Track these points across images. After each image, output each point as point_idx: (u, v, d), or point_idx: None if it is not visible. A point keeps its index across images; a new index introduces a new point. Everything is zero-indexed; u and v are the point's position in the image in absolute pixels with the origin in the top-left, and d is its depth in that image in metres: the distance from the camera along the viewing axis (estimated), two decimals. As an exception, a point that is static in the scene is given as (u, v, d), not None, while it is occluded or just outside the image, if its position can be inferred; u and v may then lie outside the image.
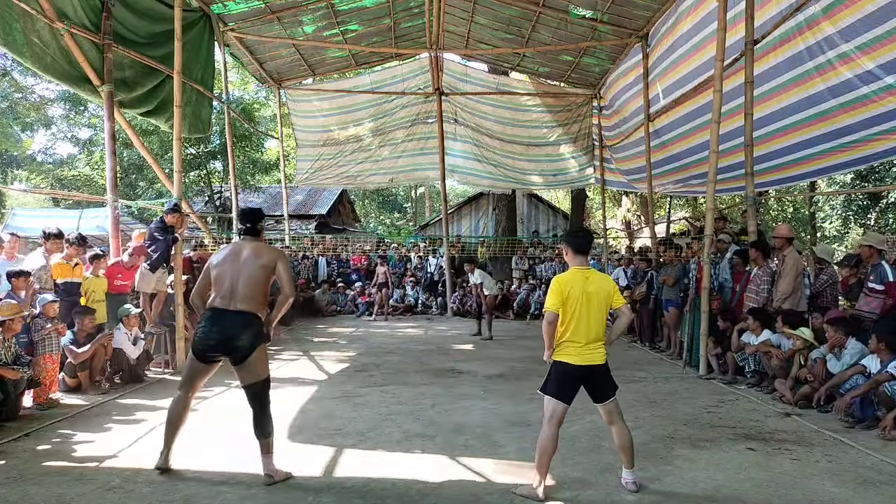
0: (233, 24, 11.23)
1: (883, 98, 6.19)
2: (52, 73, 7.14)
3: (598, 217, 19.44)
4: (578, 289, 3.46)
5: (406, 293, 14.53)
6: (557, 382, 3.48)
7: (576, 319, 3.45)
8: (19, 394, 5.00)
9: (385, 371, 7.25)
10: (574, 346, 3.45)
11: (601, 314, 3.52)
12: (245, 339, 3.61)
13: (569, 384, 3.48)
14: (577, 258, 3.58)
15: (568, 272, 3.58)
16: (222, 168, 19.51)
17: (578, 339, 3.44)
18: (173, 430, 3.77)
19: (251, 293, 3.67)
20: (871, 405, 4.88)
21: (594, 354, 3.48)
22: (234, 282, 3.67)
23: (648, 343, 9.36)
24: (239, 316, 3.63)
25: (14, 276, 5.49)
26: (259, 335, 3.68)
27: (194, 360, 3.76)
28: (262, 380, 3.71)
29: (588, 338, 3.45)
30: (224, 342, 3.62)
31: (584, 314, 3.45)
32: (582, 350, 3.45)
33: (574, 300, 3.45)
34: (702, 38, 8.74)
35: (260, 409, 3.71)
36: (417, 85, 14.40)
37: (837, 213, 19.54)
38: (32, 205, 27.88)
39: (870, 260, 5.93)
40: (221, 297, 3.67)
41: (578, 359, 3.45)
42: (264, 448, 3.71)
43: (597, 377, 3.52)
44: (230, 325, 3.61)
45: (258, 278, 3.70)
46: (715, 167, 7.12)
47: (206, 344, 3.65)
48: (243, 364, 3.65)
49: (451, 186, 27.46)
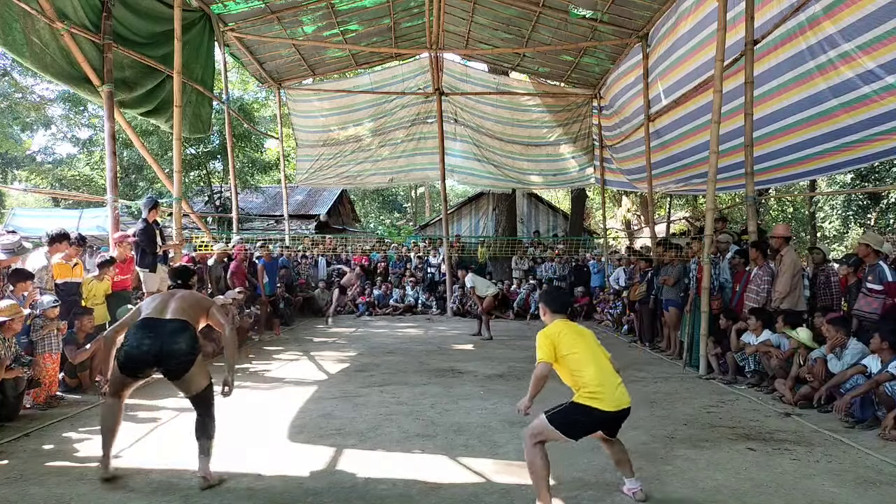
0: (233, 24, 11.24)
1: (884, 98, 6.19)
2: (51, 73, 7.14)
3: (598, 217, 19.45)
4: (570, 331, 3.29)
5: (406, 293, 14.54)
6: (579, 427, 3.18)
7: (586, 360, 3.20)
8: (19, 394, 5.00)
9: (385, 371, 7.25)
10: (598, 389, 3.13)
11: (601, 350, 3.35)
12: (182, 342, 3.44)
13: (592, 429, 3.21)
14: (556, 316, 3.43)
15: (551, 326, 3.38)
16: (222, 168, 19.51)
17: (601, 381, 3.15)
18: (111, 436, 3.61)
19: (187, 313, 3.59)
20: (872, 405, 4.88)
21: (622, 394, 3.20)
22: (165, 305, 3.62)
23: (648, 343, 9.36)
24: (173, 322, 3.50)
25: (15, 276, 5.48)
26: (196, 343, 3.55)
27: (120, 375, 3.54)
28: (206, 387, 3.63)
29: (606, 374, 3.20)
30: (160, 349, 3.40)
31: (587, 350, 3.25)
32: (609, 392, 3.14)
33: (571, 342, 3.24)
34: (702, 38, 8.75)
35: (206, 413, 3.63)
36: (417, 85, 14.41)
37: (837, 213, 19.56)
38: (32, 205, 27.89)
39: (867, 259, 5.93)
40: (151, 313, 3.55)
41: (611, 404, 3.13)
42: (204, 450, 3.60)
43: (623, 419, 3.24)
44: (165, 331, 3.45)
45: (192, 306, 3.68)
46: (715, 167, 7.12)
47: (140, 350, 3.40)
48: (184, 377, 3.49)
49: (451, 186, 27.47)
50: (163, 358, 3.43)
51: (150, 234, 7.09)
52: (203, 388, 3.61)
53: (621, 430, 3.34)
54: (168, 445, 4.35)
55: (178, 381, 3.54)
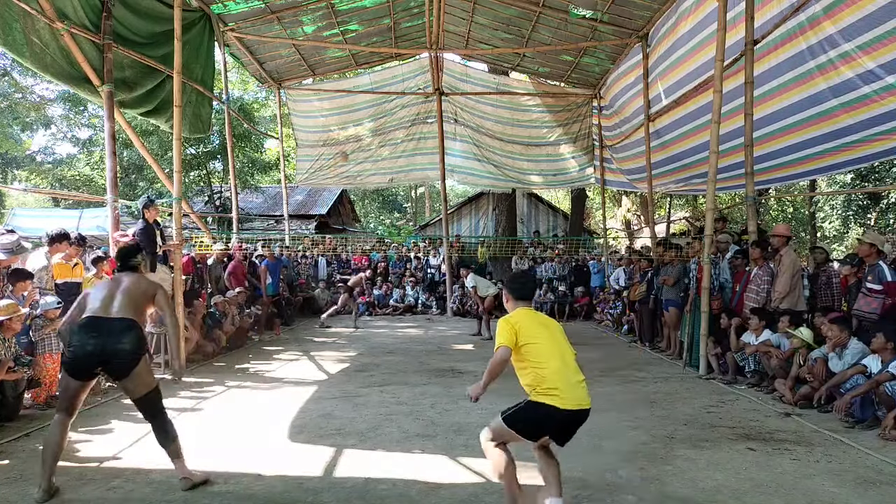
0: (233, 24, 11.24)
1: (884, 98, 6.20)
2: (51, 73, 7.13)
3: (598, 217, 19.44)
4: (532, 321, 3.06)
5: (406, 293, 14.54)
6: (536, 426, 2.95)
7: (548, 353, 2.95)
8: (19, 394, 5.00)
9: (385, 371, 7.25)
10: (557, 385, 2.88)
11: (568, 344, 3.07)
12: (127, 342, 3.38)
13: (548, 427, 2.94)
14: (519, 304, 3.21)
15: (512, 313, 3.17)
16: (222, 168, 19.52)
17: (562, 376, 2.90)
18: (54, 457, 3.37)
19: (132, 306, 3.52)
20: (872, 405, 4.88)
21: (582, 393, 2.93)
22: (111, 298, 3.52)
23: (648, 343, 9.36)
24: (119, 321, 3.43)
25: (14, 276, 5.49)
26: (143, 343, 3.49)
27: (69, 379, 3.44)
28: (153, 389, 3.53)
29: (568, 371, 2.95)
30: (103, 349, 3.34)
31: (552, 342, 3.00)
32: (568, 389, 2.88)
33: (533, 332, 3.00)
34: (702, 38, 8.75)
35: (158, 418, 3.54)
36: (417, 85, 14.41)
37: (837, 213, 19.56)
38: (32, 205, 27.89)
39: (869, 259, 5.93)
40: (96, 309, 3.46)
41: (566, 401, 2.86)
42: (173, 454, 3.53)
43: (580, 421, 2.96)
44: (110, 330, 3.38)
45: (137, 298, 3.58)
46: (715, 167, 7.12)
47: (85, 351, 3.33)
48: (129, 377, 3.42)
49: (451, 186, 27.46)
50: (107, 358, 3.38)
51: (150, 233, 7.08)
52: (149, 390, 3.51)
53: (621, 430, 3.33)
54: (168, 445, 4.34)
55: (123, 381, 3.47)
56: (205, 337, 8.17)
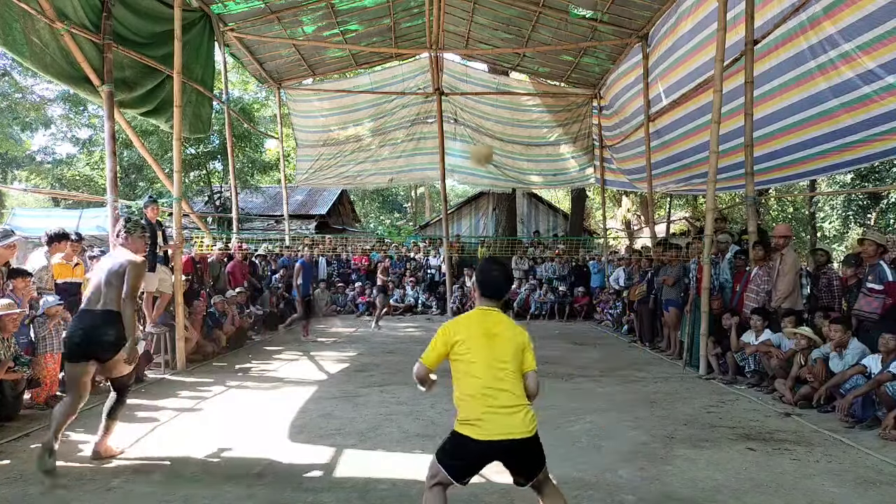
0: (233, 24, 11.23)
1: (884, 98, 6.20)
2: (51, 73, 7.13)
3: (598, 217, 19.44)
4: (476, 329, 2.57)
5: (406, 293, 14.54)
6: (455, 463, 2.49)
7: (473, 370, 2.50)
8: (19, 393, 5.00)
9: (385, 371, 7.25)
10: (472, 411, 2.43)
11: (515, 362, 2.53)
12: (111, 335, 3.82)
13: (468, 462, 2.48)
14: (484, 301, 2.70)
15: (465, 314, 2.74)
16: (222, 168, 19.51)
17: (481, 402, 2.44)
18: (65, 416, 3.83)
19: (114, 293, 3.88)
20: (872, 405, 4.88)
21: (510, 421, 2.40)
22: (99, 284, 3.94)
23: (648, 343, 9.36)
24: (105, 313, 3.85)
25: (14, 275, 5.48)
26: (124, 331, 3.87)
27: (70, 366, 3.90)
28: (130, 371, 4.02)
29: (496, 395, 2.44)
30: (88, 338, 3.80)
31: (487, 359, 2.50)
32: (490, 416, 2.40)
33: (469, 344, 2.54)
34: (702, 38, 8.75)
35: (122, 395, 4.07)
36: (417, 85, 14.40)
37: (837, 213, 19.56)
38: (32, 205, 27.87)
39: (869, 260, 5.92)
40: (90, 298, 3.94)
41: (488, 432, 2.38)
42: (107, 427, 3.99)
43: (517, 454, 2.44)
44: (94, 323, 3.83)
45: (113, 282, 3.91)
46: (715, 167, 7.12)
47: (73, 341, 3.84)
48: (113, 360, 3.86)
49: (451, 186, 27.46)
50: (91, 347, 3.83)
51: (151, 233, 7.08)
52: (125, 374, 4.01)
53: (621, 430, 3.32)
54: (168, 445, 4.35)
55: (104, 365, 3.91)
56: (205, 337, 8.17)
